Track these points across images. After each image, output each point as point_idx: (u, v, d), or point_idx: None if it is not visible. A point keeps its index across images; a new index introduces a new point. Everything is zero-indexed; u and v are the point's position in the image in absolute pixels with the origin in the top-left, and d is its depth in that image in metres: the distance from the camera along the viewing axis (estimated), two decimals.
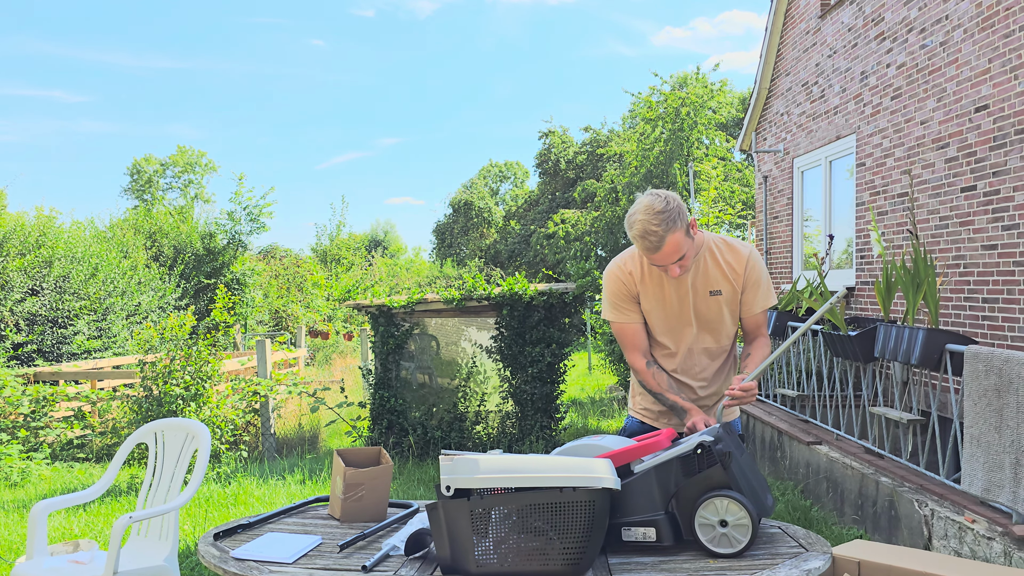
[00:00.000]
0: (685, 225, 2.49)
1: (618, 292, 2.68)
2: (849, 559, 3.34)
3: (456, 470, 1.96)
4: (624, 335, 2.71)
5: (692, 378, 2.72)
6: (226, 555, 2.16)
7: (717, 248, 2.67)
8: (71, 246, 13.00)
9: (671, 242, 2.45)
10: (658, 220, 2.43)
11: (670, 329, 2.68)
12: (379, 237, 42.26)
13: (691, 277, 2.63)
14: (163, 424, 3.68)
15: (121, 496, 6.05)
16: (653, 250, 2.46)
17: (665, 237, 2.44)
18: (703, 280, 2.64)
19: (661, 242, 2.44)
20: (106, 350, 12.58)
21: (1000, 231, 5.12)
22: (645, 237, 2.45)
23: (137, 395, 7.23)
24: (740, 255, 2.67)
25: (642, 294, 2.66)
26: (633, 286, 2.66)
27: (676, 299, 2.64)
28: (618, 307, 2.69)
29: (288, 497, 5.89)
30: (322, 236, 28.59)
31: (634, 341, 2.70)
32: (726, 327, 2.71)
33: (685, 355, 2.70)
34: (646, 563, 2.04)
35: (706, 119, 23.12)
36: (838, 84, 7.53)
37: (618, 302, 2.69)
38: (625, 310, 2.68)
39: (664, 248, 2.45)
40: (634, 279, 2.66)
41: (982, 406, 3.68)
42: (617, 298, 2.69)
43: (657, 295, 2.65)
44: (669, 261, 2.49)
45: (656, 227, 2.43)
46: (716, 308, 2.66)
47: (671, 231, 2.44)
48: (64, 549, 3.64)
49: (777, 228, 9.13)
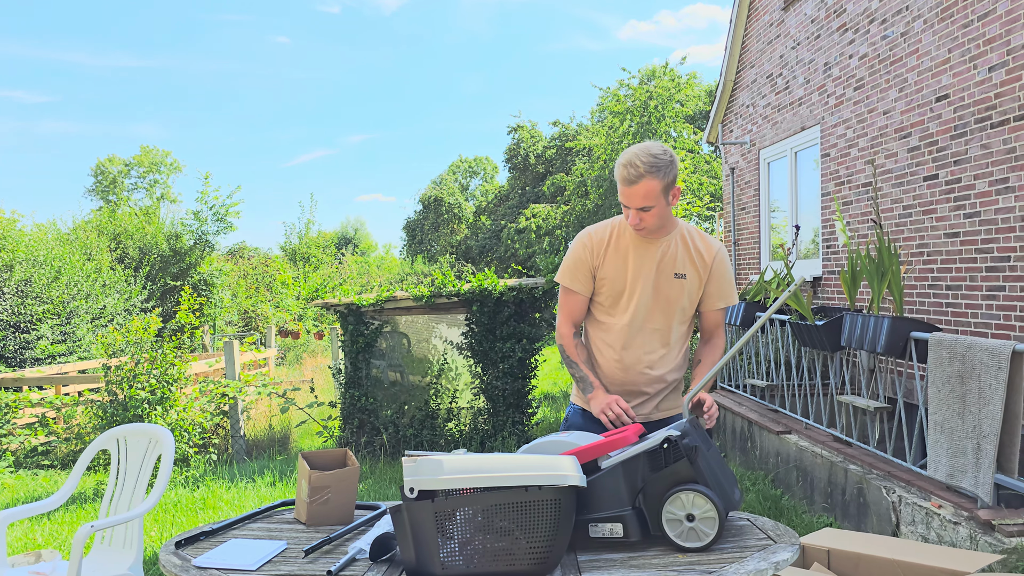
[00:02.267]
0: (667, 184, 2.50)
1: (579, 259, 2.69)
2: (819, 548, 3.37)
3: (420, 471, 1.93)
4: (567, 302, 2.73)
5: (637, 360, 2.67)
6: (187, 564, 2.12)
7: (690, 235, 2.68)
8: (33, 249, 12.76)
9: (646, 185, 2.46)
10: (647, 158, 2.47)
11: (626, 300, 2.65)
12: (349, 235, 42.01)
13: (659, 255, 2.62)
14: (125, 430, 3.61)
15: (86, 503, 5.94)
16: (628, 182, 2.49)
17: (644, 176, 2.46)
18: (670, 261, 2.63)
19: (639, 178, 2.46)
20: (71, 354, 12.36)
21: (962, 219, 5.18)
22: (627, 166, 2.49)
23: (102, 400, 7.11)
24: (711, 246, 2.69)
25: (605, 263, 2.66)
26: (597, 256, 2.66)
27: (639, 271, 2.63)
28: (573, 274, 2.71)
29: (258, 500, 5.82)
30: (291, 235, 28.33)
31: (572, 311, 2.73)
32: (682, 313, 2.68)
33: (635, 332, 2.66)
34: (615, 559, 2.03)
35: (674, 112, 23.22)
36: (802, 75, 7.59)
37: (575, 269, 2.70)
38: (578, 279, 2.70)
39: (637, 186, 2.47)
40: (600, 248, 2.66)
41: (945, 392, 3.72)
42: (576, 265, 2.70)
43: (620, 264, 2.64)
44: (636, 203, 2.50)
45: (640, 163, 2.46)
46: (677, 290, 2.64)
47: (652, 175, 2.46)
48: (26, 560, 3.56)
49: (744, 219, 9.20)
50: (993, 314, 4.88)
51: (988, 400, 3.45)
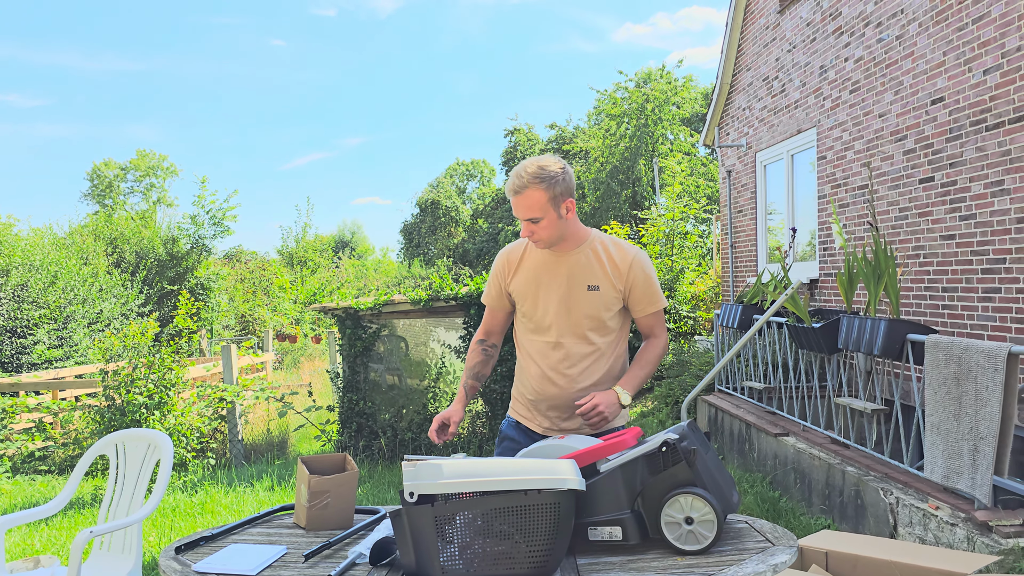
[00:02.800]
0: (555, 196, 2.48)
1: (493, 275, 2.77)
2: (816, 550, 3.37)
3: (419, 475, 1.94)
4: (485, 313, 2.85)
5: (560, 374, 2.63)
6: (188, 569, 2.12)
7: (604, 246, 2.65)
8: (29, 254, 12.74)
9: (531, 196, 2.46)
10: (534, 169, 2.47)
11: (540, 315, 2.65)
12: (346, 238, 42.00)
13: (568, 268, 2.61)
14: (124, 435, 3.61)
15: (84, 508, 5.94)
16: (512, 192, 2.50)
17: (528, 187, 2.46)
18: (582, 273, 2.60)
19: (523, 188, 2.47)
20: (67, 359, 12.34)
21: (958, 221, 5.20)
22: (513, 176, 2.51)
23: (99, 405, 7.10)
24: (626, 255, 2.63)
25: (515, 278, 2.69)
26: (508, 273, 2.71)
27: (550, 286, 2.62)
28: (488, 289, 2.80)
29: (256, 504, 5.82)
30: (288, 238, 28.32)
31: (487, 323, 2.84)
32: (600, 324, 2.63)
33: (553, 347, 2.64)
34: (614, 562, 2.04)
35: (670, 115, 23.24)
36: (798, 78, 7.61)
37: (490, 284, 2.79)
38: (491, 293, 2.78)
39: (521, 196, 2.48)
40: (512, 264, 2.70)
41: (942, 394, 3.74)
42: (491, 280, 2.79)
43: (531, 279, 2.65)
44: (521, 214, 2.51)
45: (525, 173, 2.47)
46: (592, 303, 2.60)
47: (536, 186, 2.46)
48: (24, 566, 3.56)
49: (741, 222, 9.21)
50: (989, 316, 4.90)
51: (985, 402, 3.46)
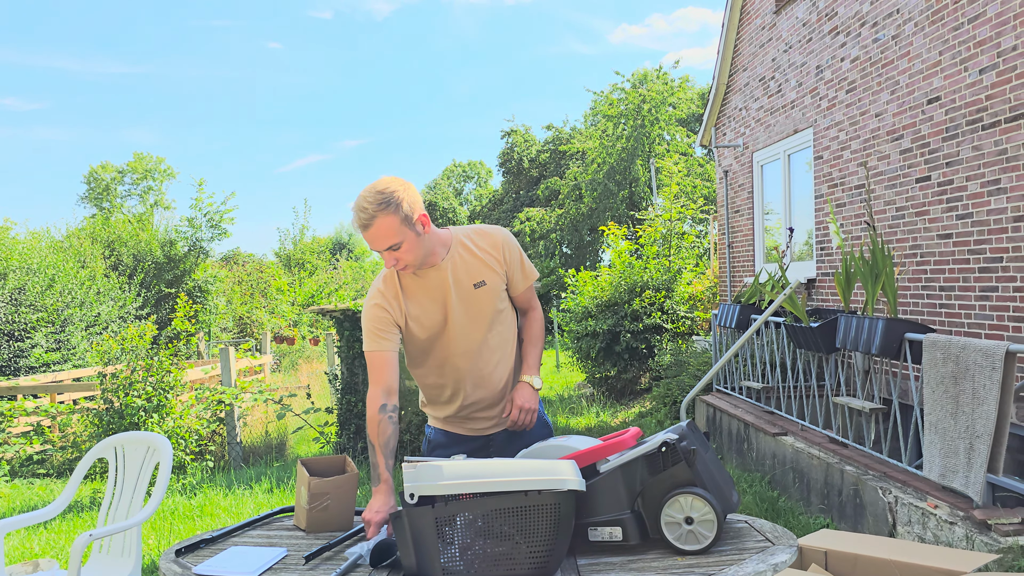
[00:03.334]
0: (405, 215, 2.36)
1: (379, 318, 2.51)
2: (816, 549, 3.38)
3: (419, 477, 1.94)
4: (376, 364, 2.48)
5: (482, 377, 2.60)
6: (188, 572, 2.12)
7: (469, 239, 2.59)
8: (26, 257, 12.73)
9: (381, 225, 2.34)
10: (373, 199, 2.34)
11: (446, 331, 2.56)
12: (343, 240, 41.98)
13: (449, 275, 2.52)
14: (123, 438, 3.61)
15: (83, 512, 5.93)
16: (362, 227, 2.38)
17: (376, 216, 2.33)
18: (464, 274, 2.54)
19: (371, 220, 2.34)
20: (65, 362, 12.33)
21: (955, 220, 5.21)
22: (357, 212, 2.37)
23: (98, 408, 7.10)
24: (495, 239, 2.59)
25: (410, 308, 2.54)
26: (396, 308, 2.53)
27: (442, 299, 2.53)
28: (378, 335, 2.50)
29: (255, 507, 5.82)
30: (285, 240, 28.32)
31: (382, 372, 2.47)
32: (501, 315, 2.60)
33: (475, 356, 2.57)
34: (614, 563, 2.04)
35: (667, 115, 23.27)
36: (794, 79, 7.63)
37: (378, 330, 2.50)
38: (385, 337, 2.50)
39: (372, 228, 2.34)
40: (394, 296, 2.52)
41: (939, 393, 3.75)
42: (377, 325, 2.50)
43: (422, 300, 2.53)
44: (380, 246, 2.38)
45: (368, 204, 2.34)
46: (486, 299, 2.55)
47: (384, 213, 2.33)
48: (23, 569, 3.56)
49: (738, 222, 9.23)
50: (986, 315, 4.91)
51: (982, 400, 3.47)
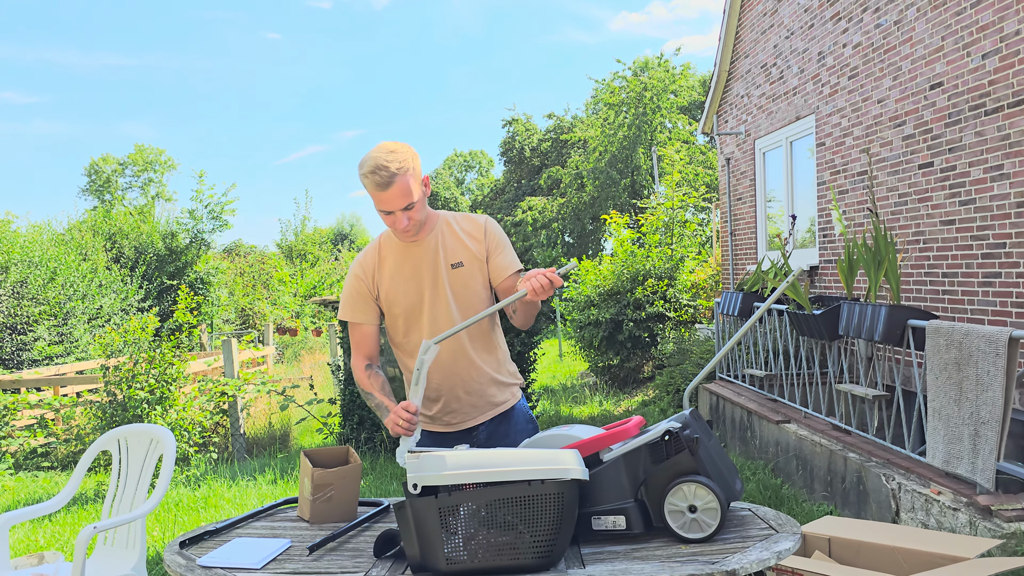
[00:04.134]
0: (417, 174, 2.43)
1: (355, 290, 2.57)
2: (820, 536, 3.39)
3: (422, 467, 1.94)
4: (356, 336, 2.59)
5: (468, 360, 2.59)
6: (192, 563, 2.12)
7: (454, 220, 2.61)
8: (28, 250, 12.73)
9: (401, 184, 2.37)
10: (391, 159, 2.36)
11: (426, 310, 2.55)
12: (345, 230, 41.98)
13: (431, 253, 2.54)
14: (126, 431, 3.61)
15: (88, 504, 5.95)
16: (383, 186, 2.36)
17: (396, 175, 2.35)
18: (445, 252, 2.56)
19: (392, 179, 2.35)
20: (68, 355, 12.35)
21: (957, 206, 5.19)
22: (376, 172, 2.36)
23: (101, 400, 7.11)
24: (477, 223, 2.61)
25: (383, 283, 2.56)
26: (371, 281, 2.57)
27: (423, 278, 2.54)
28: (354, 306, 2.58)
29: (259, 498, 5.83)
30: (287, 231, 28.32)
31: (362, 344, 2.57)
32: (477, 299, 2.59)
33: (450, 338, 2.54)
34: (618, 552, 2.04)
35: (668, 103, 23.20)
36: (796, 65, 7.59)
37: (353, 300, 2.58)
38: (359, 309, 2.57)
39: (393, 186, 2.36)
40: (371, 270, 2.57)
41: (943, 380, 3.74)
42: (354, 296, 2.58)
43: (401, 277, 2.54)
44: (397, 205, 2.39)
45: (387, 163, 2.35)
46: (462, 281, 2.56)
47: (403, 172, 2.37)
48: (28, 562, 3.56)
49: (741, 209, 9.20)
50: (989, 300, 4.90)
51: (987, 387, 3.46)
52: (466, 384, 2.61)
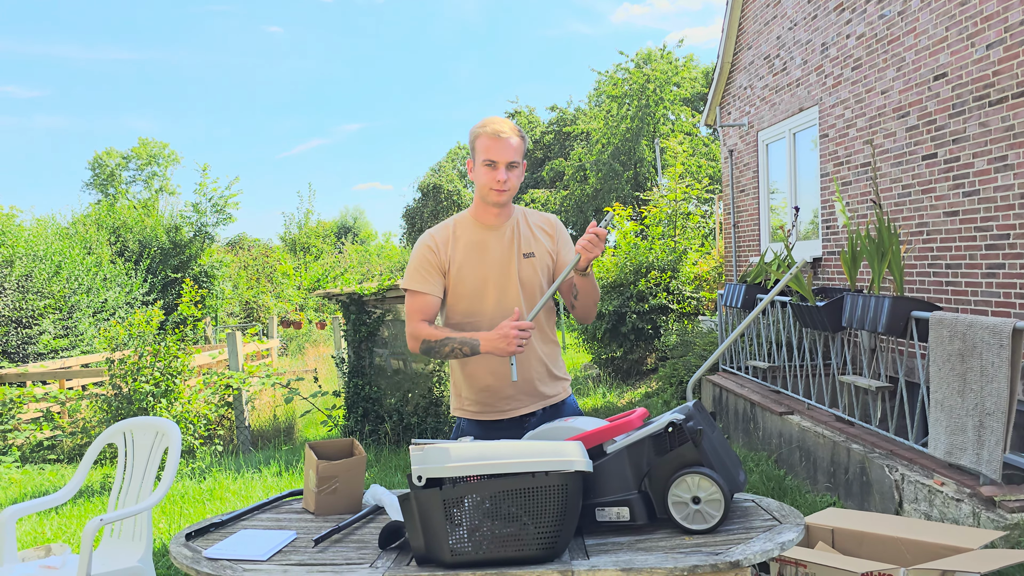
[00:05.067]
0: (525, 151, 2.58)
1: (426, 260, 2.60)
2: (823, 527, 3.40)
3: (427, 459, 1.95)
4: (417, 304, 2.58)
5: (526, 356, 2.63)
6: (198, 555, 2.14)
7: (525, 214, 2.71)
8: (32, 244, 12.75)
9: (516, 142, 2.52)
10: (510, 124, 2.54)
11: (491, 292, 2.60)
12: (348, 224, 41.97)
13: (507, 239, 2.61)
14: (132, 423, 3.63)
15: (94, 497, 5.98)
16: (497, 134, 2.51)
17: (513, 131, 2.53)
18: (519, 241, 2.63)
19: (508, 131, 2.51)
20: (73, 349, 12.38)
21: (961, 197, 5.18)
22: (497, 123, 2.53)
23: (106, 394, 7.14)
24: (549, 220, 2.73)
25: (455, 259, 2.60)
26: (443, 255, 2.60)
27: (494, 259, 2.60)
28: (423, 276, 2.59)
29: (264, 490, 5.86)
30: (290, 225, 28.34)
31: (425, 311, 2.58)
32: (542, 292, 2.65)
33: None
34: (622, 543, 2.05)
35: (671, 95, 23.13)
36: (799, 56, 7.57)
37: (423, 271, 2.59)
38: (428, 280, 2.59)
39: (507, 138, 2.51)
40: (446, 245, 2.61)
41: (946, 371, 3.74)
42: (423, 266, 2.59)
43: (473, 256, 2.59)
44: (507, 156, 2.51)
45: (507, 125, 2.53)
46: (531, 271, 2.63)
47: (518, 136, 2.54)
48: (35, 554, 3.59)
49: (744, 201, 9.19)
50: (993, 292, 4.89)
51: (991, 378, 3.46)
52: (524, 371, 2.64)
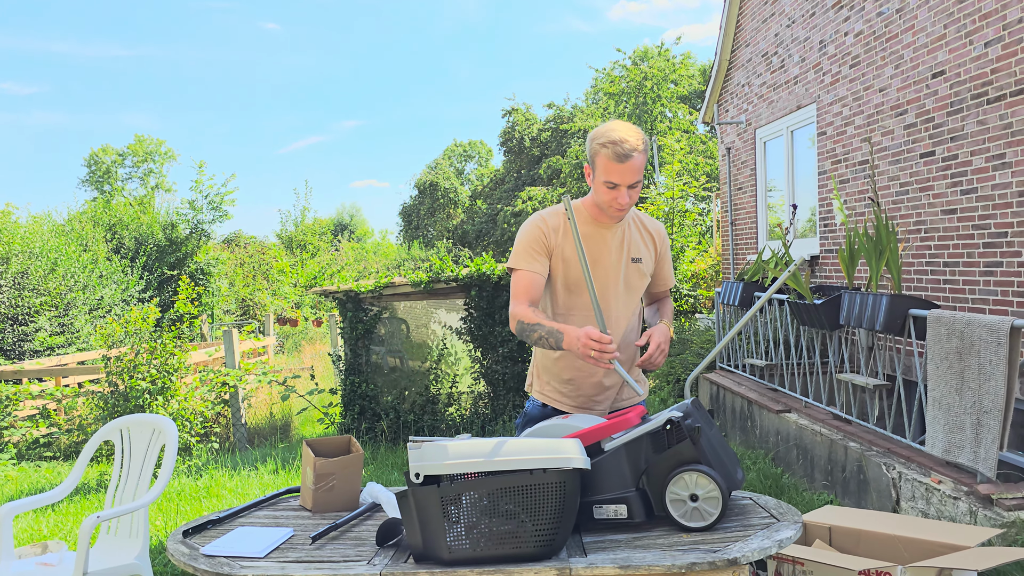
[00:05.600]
0: (646, 163, 2.47)
1: (537, 240, 2.53)
2: (820, 525, 3.40)
3: (425, 457, 1.94)
4: (521, 284, 2.51)
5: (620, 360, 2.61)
6: (196, 552, 2.13)
7: (638, 217, 2.67)
8: (29, 241, 12.72)
9: (639, 161, 2.39)
10: (633, 134, 2.39)
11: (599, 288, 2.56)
12: (345, 221, 41.92)
13: (616, 241, 2.57)
14: (129, 420, 3.62)
15: (90, 494, 5.97)
16: (622, 158, 2.37)
17: (635, 151, 2.38)
18: (628, 244, 2.60)
19: (631, 153, 2.37)
20: (69, 346, 12.36)
21: (959, 195, 5.19)
22: (618, 144, 2.37)
23: (103, 391, 7.12)
24: (658, 227, 2.69)
25: (565, 249, 2.54)
26: (553, 240, 2.54)
27: (599, 258, 2.56)
28: (531, 256, 2.52)
29: (261, 488, 5.85)
30: (287, 222, 28.31)
31: (530, 292, 2.50)
32: (638, 297, 2.66)
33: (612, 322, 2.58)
34: (620, 540, 2.05)
35: (669, 92, 23.13)
36: (797, 54, 7.56)
37: (533, 251, 2.52)
38: (537, 260, 2.52)
39: (632, 161, 2.38)
40: (557, 231, 2.54)
41: (944, 369, 3.74)
42: (533, 246, 2.53)
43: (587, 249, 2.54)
44: (629, 179, 2.40)
45: (633, 139, 2.38)
46: (637, 276, 2.61)
47: (642, 152, 2.40)
48: (32, 551, 3.58)
49: (741, 199, 9.19)
50: (991, 290, 4.90)
51: (989, 376, 3.46)
52: (609, 375, 2.62)
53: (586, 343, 2.27)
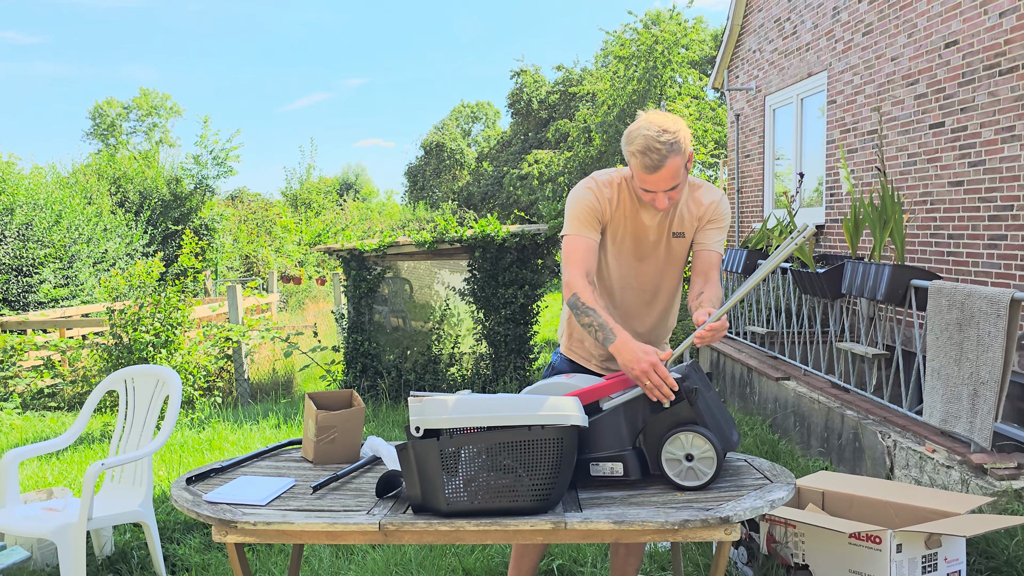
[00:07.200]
0: (685, 155, 2.34)
1: (592, 207, 2.47)
2: (814, 489, 3.44)
3: (425, 411, 1.97)
4: (579, 250, 2.45)
5: (642, 319, 2.61)
6: (199, 499, 2.17)
7: (691, 188, 2.56)
8: (33, 193, 12.71)
9: (671, 166, 2.29)
10: (664, 138, 2.28)
11: (634, 266, 2.55)
12: (350, 180, 41.76)
13: (665, 216, 2.51)
14: (133, 371, 3.66)
15: (94, 443, 6.04)
16: (652, 169, 2.30)
17: (667, 158, 2.28)
18: (673, 221, 2.53)
19: (662, 162, 2.28)
20: (73, 298, 12.41)
21: (967, 167, 5.16)
22: (646, 154, 2.28)
23: (107, 343, 7.17)
24: (713, 197, 2.55)
25: (613, 220, 2.51)
26: (605, 209, 2.48)
27: (648, 231, 2.51)
28: (587, 222, 2.47)
29: (263, 441, 5.92)
30: (292, 180, 28.18)
31: (586, 258, 2.45)
32: (680, 267, 2.61)
33: (639, 292, 2.57)
34: (615, 497, 2.08)
35: (679, 57, 22.88)
36: (810, 20, 7.47)
37: (588, 217, 2.47)
38: (592, 226, 2.47)
39: (663, 170, 2.29)
40: (609, 202, 2.49)
41: (943, 340, 3.76)
42: (588, 213, 2.47)
43: (630, 228, 2.51)
44: (663, 187, 2.33)
45: (659, 145, 2.27)
46: (678, 249, 2.57)
47: (673, 155, 2.29)
48: (37, 497, 3.64)
49: (748, 167, 9.14)
50: (994, 263, 4.90)
51: (987, 347, 3.48)
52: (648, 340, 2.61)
53: (647, 371, 2.14)
